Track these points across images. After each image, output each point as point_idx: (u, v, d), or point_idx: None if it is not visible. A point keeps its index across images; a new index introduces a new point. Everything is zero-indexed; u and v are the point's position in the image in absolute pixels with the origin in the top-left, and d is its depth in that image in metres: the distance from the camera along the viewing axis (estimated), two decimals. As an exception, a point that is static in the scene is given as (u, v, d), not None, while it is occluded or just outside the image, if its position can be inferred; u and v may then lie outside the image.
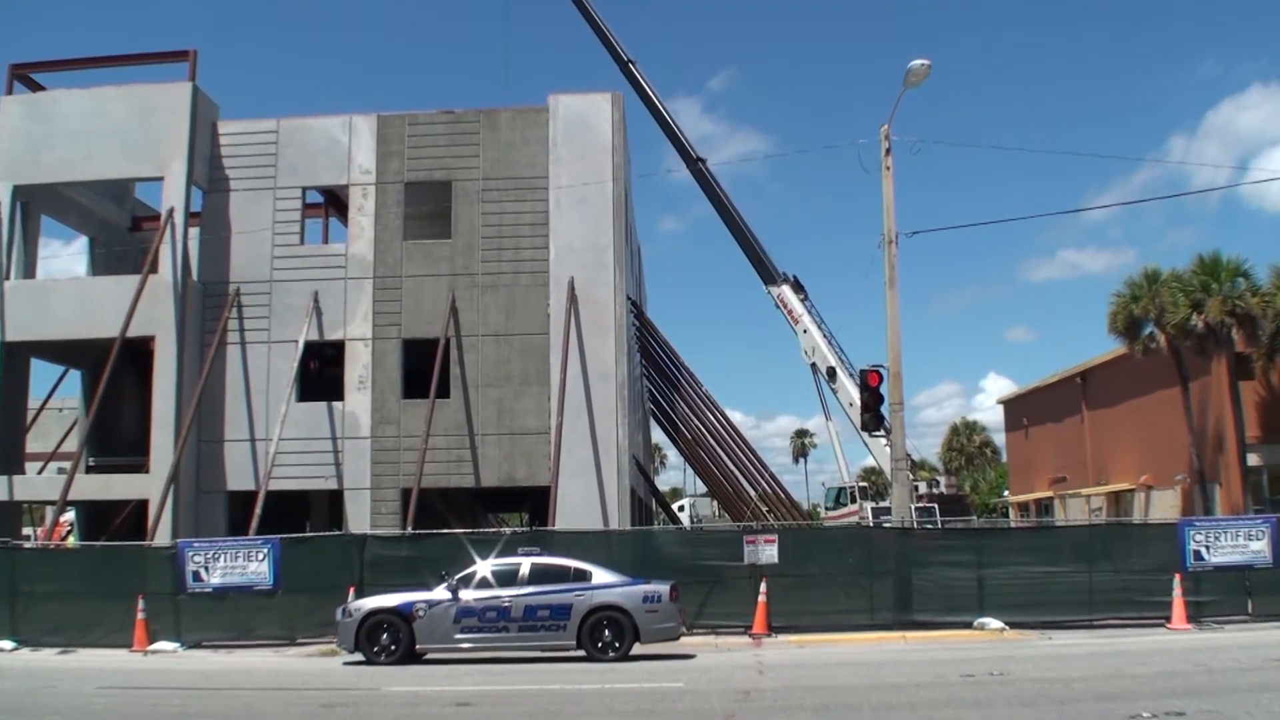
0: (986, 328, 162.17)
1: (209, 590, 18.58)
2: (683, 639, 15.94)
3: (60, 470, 28.43)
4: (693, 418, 32.67)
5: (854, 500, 40.15)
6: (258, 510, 23.16)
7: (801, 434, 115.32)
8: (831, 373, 34.33)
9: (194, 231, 26.86)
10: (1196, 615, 17.76)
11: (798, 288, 35.94)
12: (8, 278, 26.10)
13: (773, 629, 18.01)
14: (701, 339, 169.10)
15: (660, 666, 14.04)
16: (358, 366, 26.31)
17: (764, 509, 32.18)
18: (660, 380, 34.60)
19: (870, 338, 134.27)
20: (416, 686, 12.65)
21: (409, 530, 22.00)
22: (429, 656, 15.55)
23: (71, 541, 28.16)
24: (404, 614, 15.44)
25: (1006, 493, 54.15)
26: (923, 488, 38.20)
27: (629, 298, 28.41)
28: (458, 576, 15.86)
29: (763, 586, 18.26)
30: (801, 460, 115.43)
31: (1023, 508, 48.68)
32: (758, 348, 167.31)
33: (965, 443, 74.90)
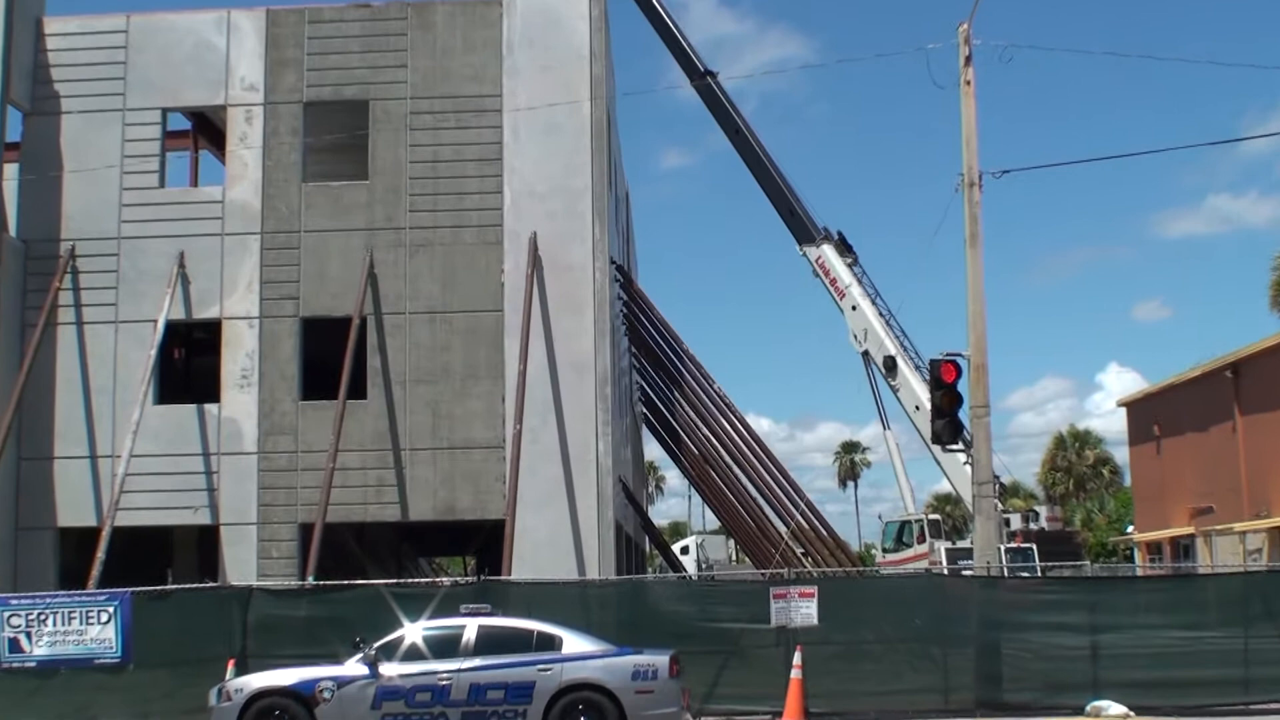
0: (1105, 303, 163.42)
1: (32, 664, 18.57)
2: (688, 730, 15.97)
3: None
4: (700, 426, 32.82)
5: (922, 539, 40.48)
6: (100, 554, 23.11)
7: (850, 449, 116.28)
8: (891, 365, 34.56)
9: (10, 169, 26.74)
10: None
11: (843, 248, 36.14)
12: None
13: (810, 715, 18.10)
14: (714, 319, 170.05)
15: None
16: (239, 356, 26.37)
17: (798, 551, 32.37)
18: (656, 375, 34.86)
19: (943, 319, 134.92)
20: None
21: (310, 581, 22.04)
22: (338, 755, 15.59)
23: None
24: (303, 696, 15.46)
25: (1131, 528, 54.36)
26: (1016, 521, 38.51)
27: (613, 262, 28.40)
28: (378, 645, 15.93)
29: (796, 657, 18.33)
30: (850, 485, 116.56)
31: (1153, 549, 48.79)
32: (790, 331, 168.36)
33: (1074, 460, 75.32)
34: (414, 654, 15.78)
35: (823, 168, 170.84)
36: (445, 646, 15.74)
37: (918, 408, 32.77)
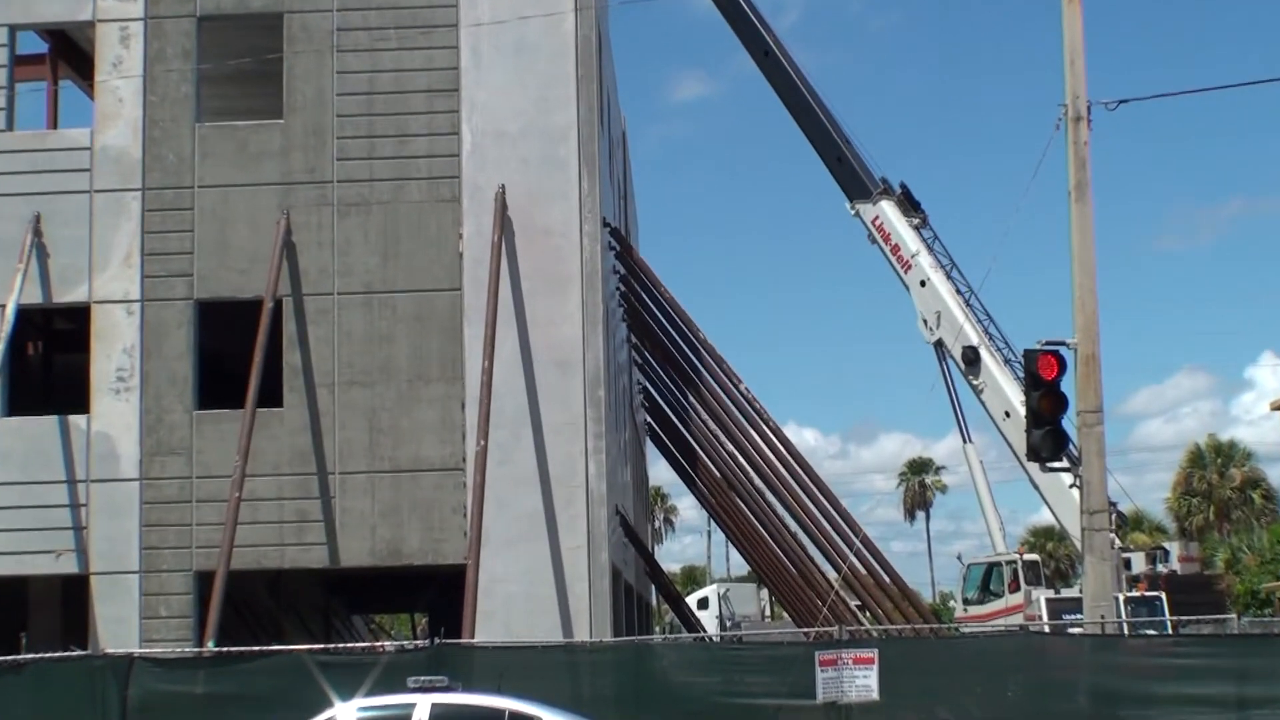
0: (1259, 274, 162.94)
1: None
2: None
3: None
4: (723, 441, 32.75)
5: (1015, 587, 40.22)
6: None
7: (920, 468, 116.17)
8: (972, 358, 34.50)
9: None
10: None
11: (908, 206, 36.17)
12: None
13: (870, 819, 18.31)
14: (741, 301, 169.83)
15: None
16: (115, 352, 26.27)
17: (852, 603, 32.31)
18: (665, 374, 34.92)
19: (1040, 302, 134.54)
20: None
21: (210, 647, 21.95)
22: None
23: None
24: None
25: (1290, 570, 54.29)
26: (1139, 563, 38.34)
27: (606, 224, 28.28)
28: (300, 730, 15.96)
29: (852, 743, 18.43)
30: (921, 516, 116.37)
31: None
32: (841, 315, 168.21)
33: (1215, 481, 75.19)
34: (348, 743, 15.70)
35: (885, 104, 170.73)
36: (389, 733, 15.67)
37: (1008, 414, 32.77)
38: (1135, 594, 34.71)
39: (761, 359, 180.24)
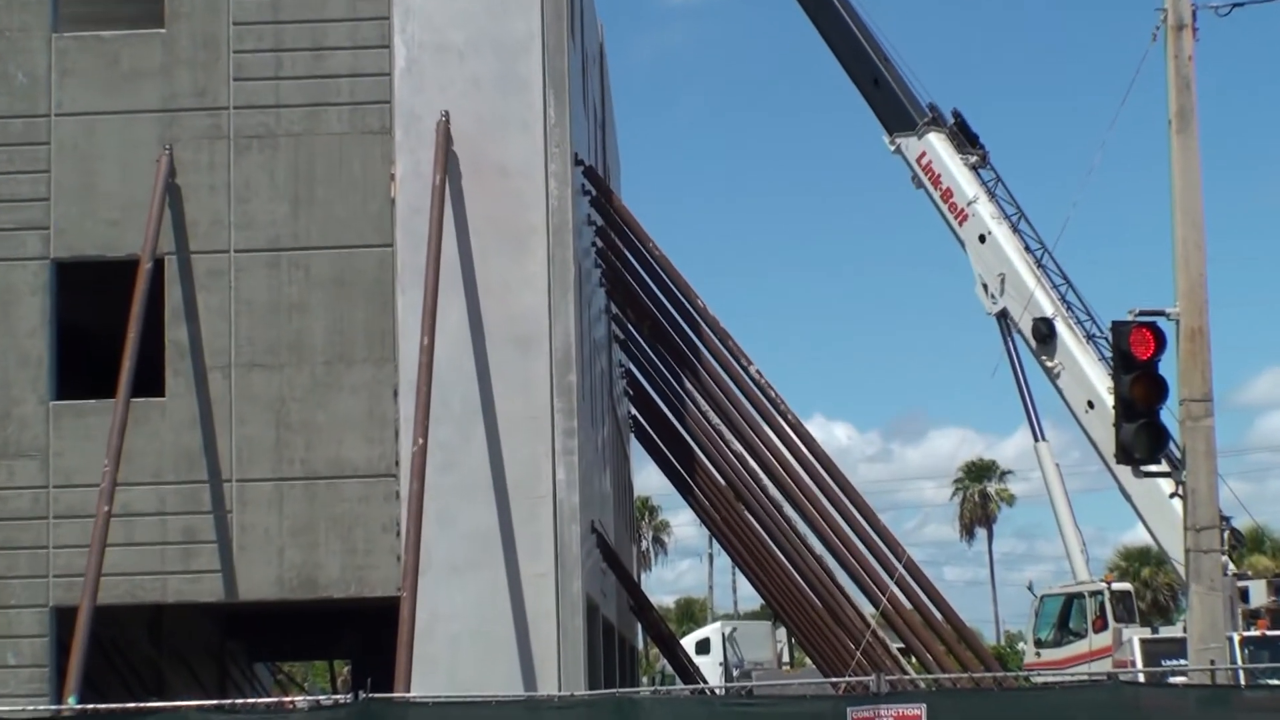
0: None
1: None
2: None
3: None
4: (730, 439, 32.83)
5: (1101, 624, 40.39)
6: None
7: (980, 473, 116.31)
8: (1045, 332, 34.62)
9: None
10: None
11: (962, 138, 36.39)
12: None
13: None
14: (750, 261, 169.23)
15: None
16: (-55, 325, 26.28)
17: (893, 646, 32.40)
18: (654, 353, 34.77)
19: (1132, 263, 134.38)
20: None
21: (72, 703, 21.90)
22: None
23: None
24: None
25: None
26: (1259, 593, 38.35)
27: (579, 163, 28.29)
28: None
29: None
30: (981, 532, 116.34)
31: None
32: (879, 280, 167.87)
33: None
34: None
35: (931, 18, 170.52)
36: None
37: (1091, 404, 32.84)
38: (1254, 633, 34.61)
39: (777, 336, 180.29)
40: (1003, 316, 35.61)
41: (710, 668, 55.62)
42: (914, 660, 31.99)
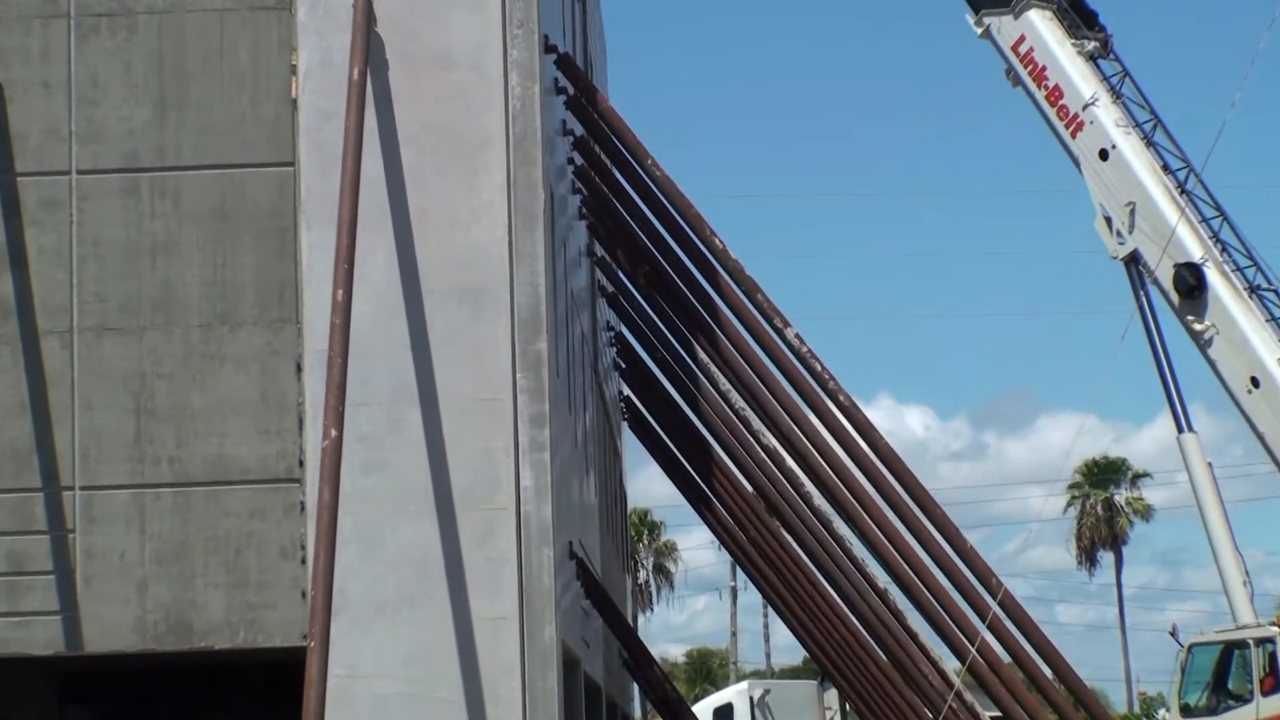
0: None
1: None
2: None
3: None
4: (759, 430, 30.59)
5: (1271, 684, 37.59)
6: None
7: (1103, 476, 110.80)
8: (1192, 283, 31.79)
9: None
10: None
11: (1074, 15, 33.68)
12: None
13: None
14: (784, 191, 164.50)
15: None
16: None
17: (985, 715, 29.77)
18: (653, 311, 32.27)
19: None
20: None
21: None
22: None
23: None
24: None
25: None
26: None
27: (550, 48, 26.00)
28: None
29: None
30: (1107, 557, 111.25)
31: None
32: (959, 214, 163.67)
33: None
34: None
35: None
36: None
37: (1256, 381, 29.71)
38: None
39: (822, 289, 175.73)
40: (1133, 261, 32.91)
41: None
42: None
